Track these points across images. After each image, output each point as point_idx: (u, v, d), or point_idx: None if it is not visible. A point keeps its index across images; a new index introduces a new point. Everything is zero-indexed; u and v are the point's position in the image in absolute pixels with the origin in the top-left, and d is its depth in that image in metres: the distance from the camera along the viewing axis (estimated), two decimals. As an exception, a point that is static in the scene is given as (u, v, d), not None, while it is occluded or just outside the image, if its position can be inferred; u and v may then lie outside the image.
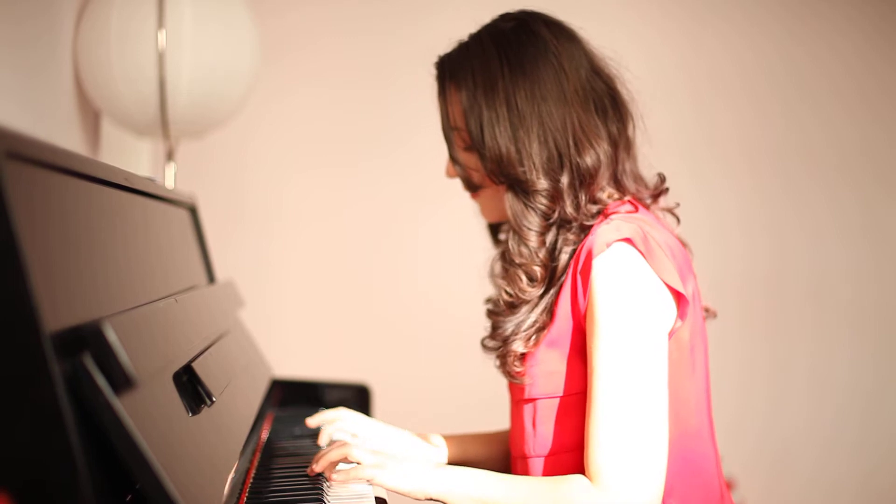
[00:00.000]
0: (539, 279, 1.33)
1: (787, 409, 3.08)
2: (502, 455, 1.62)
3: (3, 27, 1.70)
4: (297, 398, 1.95)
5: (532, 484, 1.23)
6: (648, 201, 1.40)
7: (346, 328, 2.93)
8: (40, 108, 1.92)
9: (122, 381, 0.88)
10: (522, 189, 1.34)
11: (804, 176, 3.08)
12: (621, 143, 1.38)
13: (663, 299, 1.26)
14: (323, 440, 1.51)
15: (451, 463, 1.61)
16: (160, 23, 2.02)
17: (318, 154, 2.94)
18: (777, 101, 3.08)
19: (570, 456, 1.30)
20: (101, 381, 0.85)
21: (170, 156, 2.20)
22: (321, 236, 2.95)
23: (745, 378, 3.04)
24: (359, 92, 2.94)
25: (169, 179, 2.20)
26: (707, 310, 1.44)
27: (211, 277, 1.88)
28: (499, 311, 1.38)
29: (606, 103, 1.38)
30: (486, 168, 1.36)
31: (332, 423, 1.55)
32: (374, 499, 1.28)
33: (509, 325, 1.35)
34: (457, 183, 1.48)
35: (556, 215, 1.33)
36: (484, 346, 1.43)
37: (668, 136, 3.01)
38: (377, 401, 2.01)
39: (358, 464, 1.27)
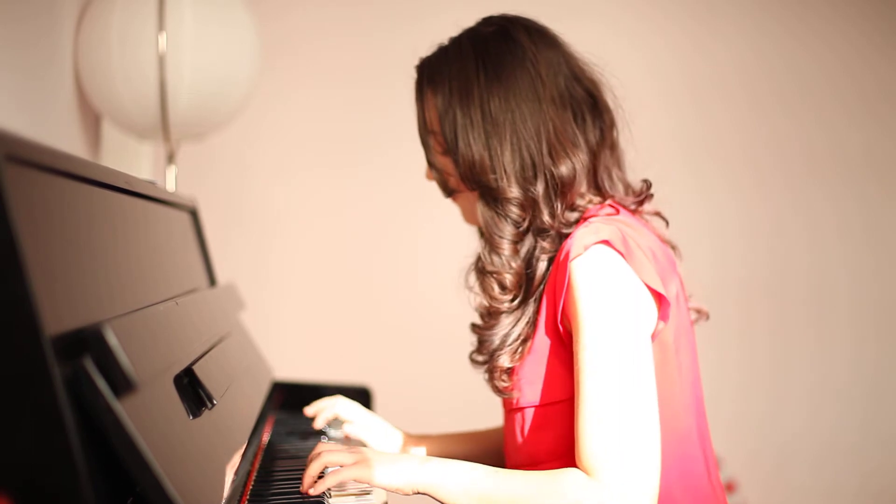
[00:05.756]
0: (510, 287, 1.33)
1: (787, 410, 3.08)
2: (491, 452, 1.63)
3: (3, 28, 1.70)
4: (298, 400, 1.95)
5: (526, 476, 1.21)
6: (633, 207, 1.39)
7: (347, 330, 2.93)
8: (40, 110, 1.92)
9: (122, 383, 0.88)
10: (493, 197, 1.34)
11: (805, 177, 3.08)
12: (603, 150, 1.37)
13: (644, 300, 1.25)
14: (319, 423, 1.59)
15: None
16: (161, 25, 2.02)
17: (319, 156, 2.94)
18: (777, 101, 3.08)
19: (566, 462, 1.28)
20: (101, 383, 0.85)
21: (170, 158, 2.20)
22: (322, 238, 2.95)
23: (745, 379, 3.04)
24: (359, 93, 2.94)
25: (170, 182, 2.20)
26: (699, 311, 1.43)
27: (212, 280, 1.88)
28: (480, 324, 1.39)
29: (586, 110, 1.37)
30: (459, 174, 1.37)
31: (330, 408, 1.61)
32: (374, 501, 1.28)
33: (496, 338, 1.34)
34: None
35: (526, 224, 1.33)
36: (472, 361, 1.42)
37: (669, 137, 3.01)
38: (378, 403, 2.01)
39: (340, 466, 1.25)
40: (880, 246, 3.09)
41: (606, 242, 1.24)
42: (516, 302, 1.34)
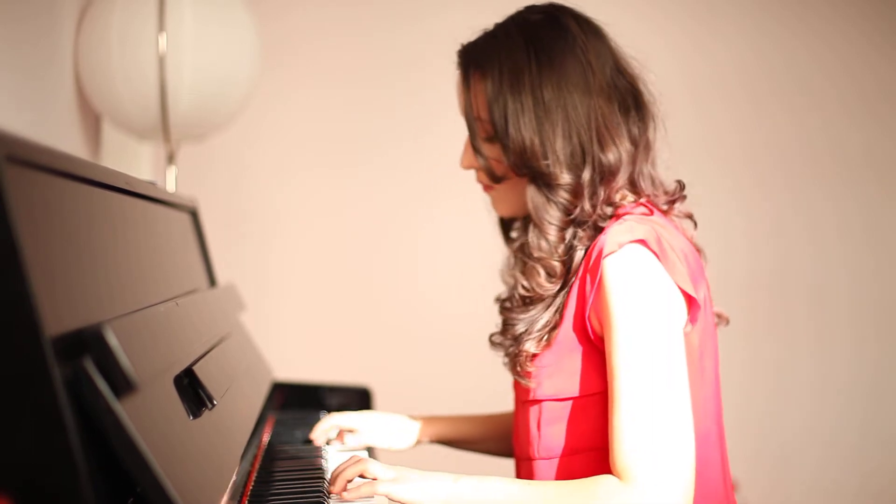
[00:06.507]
0: (557, 275, 1.32)
1: (788, 410, 3.08)
2: (501, 436, 1.63)
3: (3, 28, 1.70)
4: (298, 401, 1.95)
5: (558, 486, 1.20)
6: (665, 207, 1.38)
7: (347, 330, 2.93)
8: (41, 110, 1.92)
9: (122, 384, 0.87)
10: (545, 182, 1.33)
11: (805, 177, 3.08)
12: (641, 144, 1.37)
13: (676, 301, 1.24)
14: (318, 438, 1.60)
15: (442, 441, 1.66)
16: (161, 26, 2.02)
17: (319, 156, 2.94)
18: (777, 101, 3.08)
19: (580, 458, 1.29)
20: (101, 384, 0.85)
21: (170, 159, 2.20)
22: (322, 239, 2.95)
23: (747, 378, 3.04)
24: (359, 94, 2.94)
25: (170, 183, 2.20)
26: (719, 316, 1.43)
27: (212, 281, 1.88)
28: (512, 307, 1.37)
29: (629, 102, 1.37)
30: (508, 160, 1.35)
31: (328, 422, 1.63)
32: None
33: (521, 324, 1.33)
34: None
35: (577, 211, 1.32)
36: (492, 342, 1.41)
37: (669, 137, 3.01)
38: (378, 403, 2.01)
39: (374, 479, 1.25)
40: (880, 246, 3.09)
41: (642, 242, 1.24)
42: (556, 289, 1.32)
